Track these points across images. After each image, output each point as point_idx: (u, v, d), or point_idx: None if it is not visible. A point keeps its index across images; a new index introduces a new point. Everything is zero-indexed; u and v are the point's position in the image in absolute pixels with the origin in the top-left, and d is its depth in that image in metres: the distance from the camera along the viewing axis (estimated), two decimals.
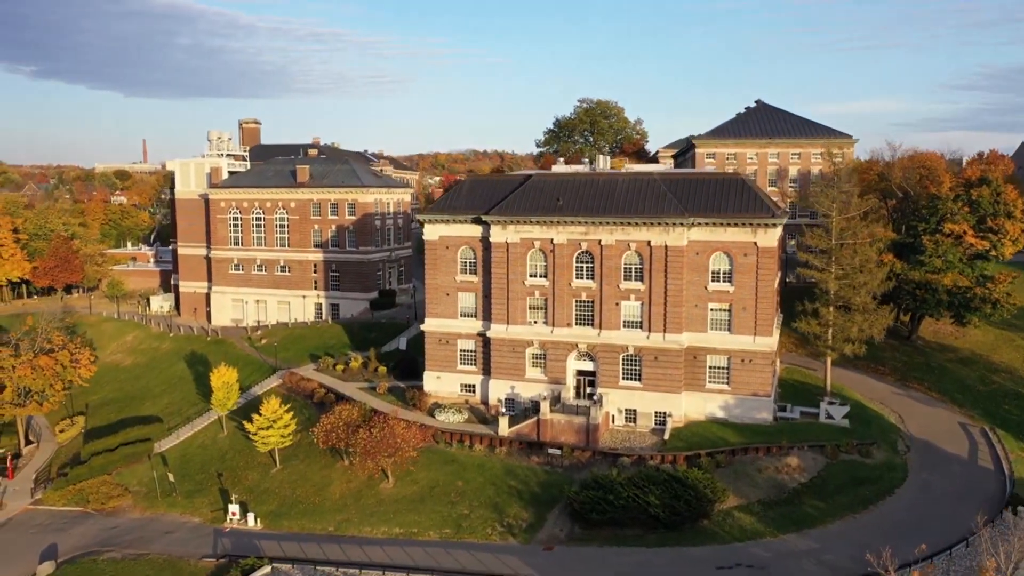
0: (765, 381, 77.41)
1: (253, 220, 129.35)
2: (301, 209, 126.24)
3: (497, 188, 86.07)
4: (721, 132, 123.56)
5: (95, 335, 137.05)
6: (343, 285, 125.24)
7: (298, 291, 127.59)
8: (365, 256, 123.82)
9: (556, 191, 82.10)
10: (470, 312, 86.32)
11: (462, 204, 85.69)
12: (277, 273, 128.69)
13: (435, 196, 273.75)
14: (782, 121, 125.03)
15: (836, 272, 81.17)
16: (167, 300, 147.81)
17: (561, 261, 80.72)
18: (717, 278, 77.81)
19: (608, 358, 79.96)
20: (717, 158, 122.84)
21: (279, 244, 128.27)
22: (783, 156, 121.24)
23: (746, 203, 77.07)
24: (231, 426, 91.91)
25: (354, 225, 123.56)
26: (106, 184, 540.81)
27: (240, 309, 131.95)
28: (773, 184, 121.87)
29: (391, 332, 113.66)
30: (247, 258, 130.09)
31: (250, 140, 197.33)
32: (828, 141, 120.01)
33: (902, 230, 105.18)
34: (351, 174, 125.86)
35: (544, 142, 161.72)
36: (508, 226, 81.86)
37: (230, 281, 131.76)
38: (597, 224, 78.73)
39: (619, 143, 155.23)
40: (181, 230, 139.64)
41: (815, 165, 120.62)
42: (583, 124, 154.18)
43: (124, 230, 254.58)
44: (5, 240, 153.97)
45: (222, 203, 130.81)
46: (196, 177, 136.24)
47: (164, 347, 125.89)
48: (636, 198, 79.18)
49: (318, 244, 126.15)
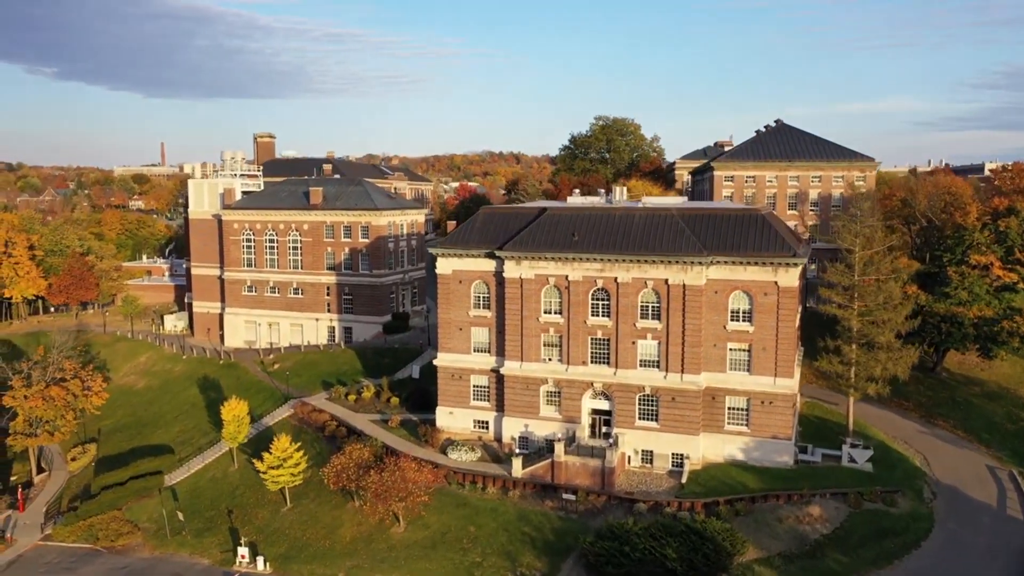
0: (786, 424, 75.39)
1: (266, 242, 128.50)
2: (314, 231, 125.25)
3: (511, 221, 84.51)
4: (740, 154, 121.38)
5: (108, 356, 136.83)
6: (356, 308, 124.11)
7: (311, 314, 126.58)
8: (378, 280, 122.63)
9: (571, 226, 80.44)
10: (483, 347, 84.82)
11: (475, 238, 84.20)
12: (290, 295, 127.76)
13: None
14: (802, 143, 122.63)
15: (859, 308, 79.10)
16: (181, 319, 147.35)
17: (576, 298, 79.05)
18: (736, 317, 75.86)
19: (624, 398, 78.22)
20: (736, 180, 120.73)
21: (292, 266, 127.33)
22: (803, 179, 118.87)
23: (766, 241, 75.08)
24: (242, 459, 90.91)
25: (367, 248, 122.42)
26: (124, 189, 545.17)
27: (253, 331, 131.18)
28: (793, 207, 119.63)
29: (404, 358, 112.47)
30: (260, 280, 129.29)
31: (265, 154, 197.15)
32: (849, 164, 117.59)
33: (926, 259, 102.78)
34: (364, 196, 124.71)
35: (560, 159, 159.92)
36: (522, 262, 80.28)
37: (243, 303, 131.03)
38: (613, 261, 77.00)
39: (635, 161, 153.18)
40: (195, 249, 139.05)
41: (836, 188, 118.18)
42: (599, 142, 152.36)
43: (140, 240, 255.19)
44: (21, 258, 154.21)
45: (235, 224, 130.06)
46: (210, 197, 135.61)
47: (177, 370, 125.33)
48: (653, 234, 77.40)
49: (331, 267, 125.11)
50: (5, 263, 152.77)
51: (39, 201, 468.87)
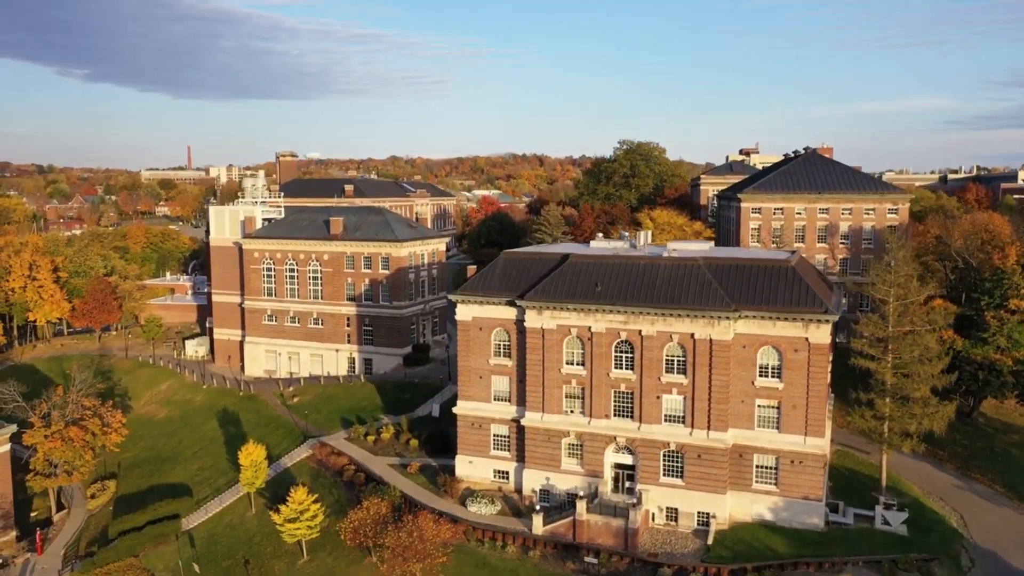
0: (816, 484, 72.78)
1: (286, 271, 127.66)
2: (334, 262, 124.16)
3: (532, 267, 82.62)
4: (768, 185, 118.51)
5: (130, 383, 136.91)
6: (376, 340, 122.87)
7: (331, 344, 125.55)
8: (399, 311, 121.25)
9: (594, 274, 78.36)
10: (504, 396, 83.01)
11: (496, 284, 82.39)
12: (310, 325, 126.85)
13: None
14: (831, 173, 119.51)
15: (893, 361, 76.30)
16: (202, 344, 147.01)
17: (599, 350, 76.96)
18: (765, 373, 73.38)
19: (648, 453, 76.02)
20: (763, 212, 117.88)
21: (312, 296, 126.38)
22: (833, 211, 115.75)
23: (797, 295, 72.52)
24: (260, 504, 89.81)
25: (388, 280, 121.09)
26: (151, 195, 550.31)
27: (274, 360, 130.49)
28: (823, 240, 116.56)
29: (424, 393, 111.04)
30: (280, 309, 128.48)
31: (287, 173, 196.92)
32: (881, 196, 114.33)
33: (962, 299, 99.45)
34: (385, 226, 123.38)
35: (582, 184, 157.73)
36: (544, 311, 78.32)
37: (263, 332, 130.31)
38: (637, 313, 74.82)
39: (660, 187, 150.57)
40: (215, 276, 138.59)
41: (867, 221, 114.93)
42: (623, 167, 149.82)
43: (165, 252, 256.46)
44: (45, 281, 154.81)
45: (255, 253, 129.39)
46: (231, 224, 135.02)
47: (197, 400, 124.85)
48: (679, 286, 75.12)
49: (351, 297, 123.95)
50: (30, 287, 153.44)
51: (67, 208, 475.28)
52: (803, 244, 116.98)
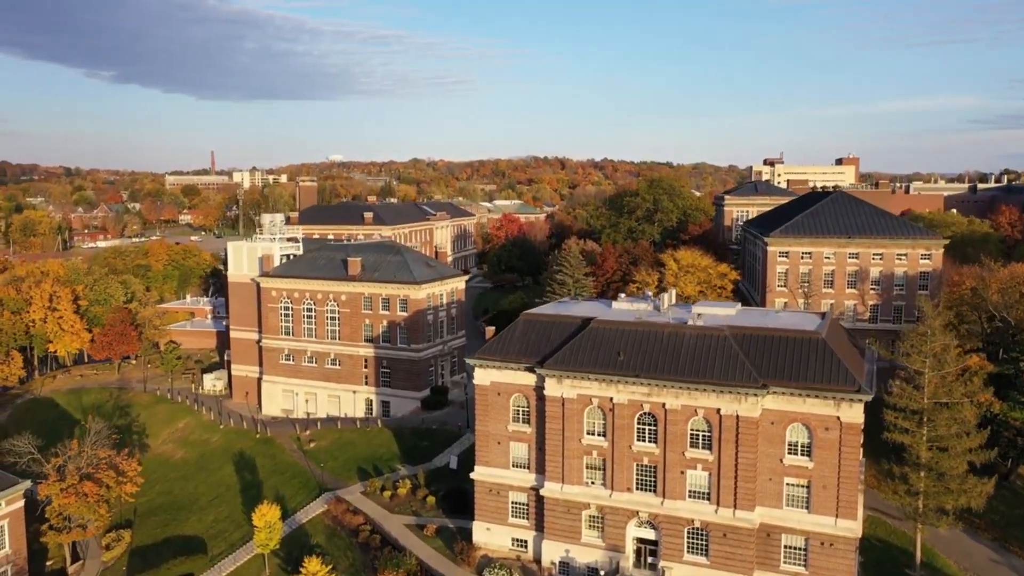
0: (848, 568, 69.80)
1: (304, 311, 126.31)
2: (352, 302, 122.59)
3: (552, 331, 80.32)
4: (795, 229, 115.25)
5: (148, 419, 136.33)
6: (394, 382, 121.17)
7: (348, 385, 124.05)
8: (417, 354, 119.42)
9: (617, 342, 75.89)
10: (523, 463, 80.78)
11: (515, 348, 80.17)
12: (327, 366, 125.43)
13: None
14: (861, 216, 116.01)
15: (928, 434, 73.24)
16: (220, 378, 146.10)
17: (621, 421, 74.50)
18: (794, 451, 70.55)
19: (671, 530, 73.46)
20: (791, 256, 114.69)
21: (330, 336, 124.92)
22: (863, 256, 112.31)
23: (828, 371, 69.61)
24: (273, 564, 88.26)
25: (406, 322, 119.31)
26: (174, 203, 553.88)
27: (291, 400, 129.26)
28: (852, 286, 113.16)
29: (442, 440, 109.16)
30: (298, 349, 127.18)
31: (307, 199, 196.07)
32: (914, 242, 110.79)
33: (999, 353, 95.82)
34: (403, 267, 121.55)
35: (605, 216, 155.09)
36: (564, 380, 76.00)
37: (280, 371, 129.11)
38: (661, 386, 72.28)
39: (684, 222, 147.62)
40: (233, 313, 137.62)
41: (899, 267, 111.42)
42: (646, 201, 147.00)
43: (186, 270, 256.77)
44: (65, 312, 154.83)
45: (273, 292, 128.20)
46: (248, 260, 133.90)
47: (214, 441, 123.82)
48: (704, 357, 72.46)
49: (369, 339, 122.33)
50: (50, 318, 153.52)
51: (92, 217, 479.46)
52: (832, 290, 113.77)
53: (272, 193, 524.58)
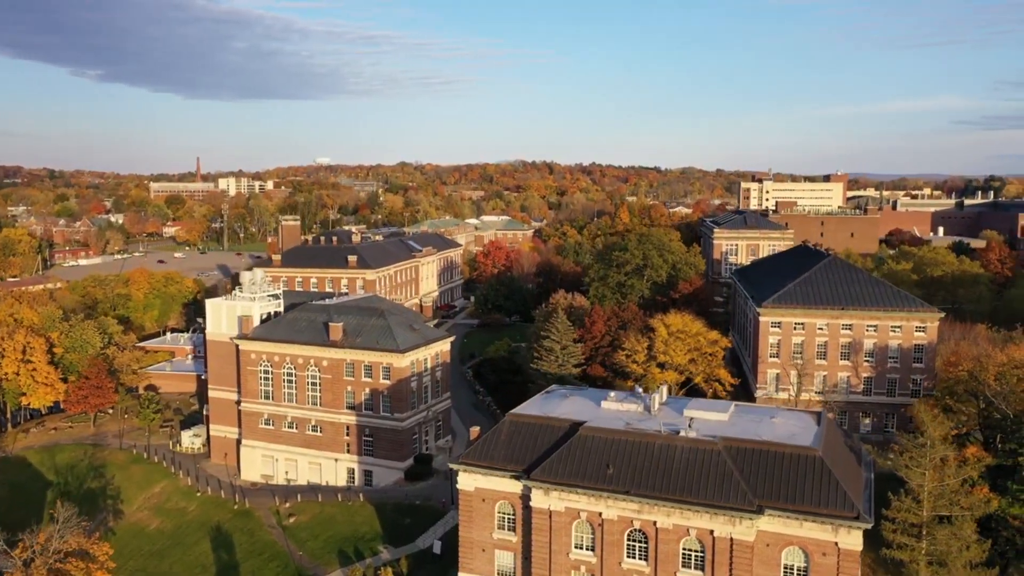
0: None
1: (284, 375, 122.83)
2: (334, 368, 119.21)
3: (539, 435, 77.34)
4: (788, 298, 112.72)
5: (122, 481, 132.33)
6: (377, 451, 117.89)
7: (330, 453, 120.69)
8: (400, 423, 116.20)
9: (606, 452, 72.99)
10: (508, 572, 77.78)
11: (500, 454, 77.14)
12: (308, 432, 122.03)
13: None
14: (855, 284, 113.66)
15: (928, 548, 70.83)
16: (199, 435, 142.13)
17: (611, 537, 71.63)
18: (791, 574, 67.85)
19: None
20: (783, 327, 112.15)
21: (311, 402, 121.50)
22: (857, 328, 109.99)
23: (825, 492, 66.93)
24: None
25: (388, 390, 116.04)
26: (158, 215, 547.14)
27: (271, 465, 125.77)
28: (846, 358, 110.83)
29: (426, 517, 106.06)
30: (278, 414, 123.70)
31: (290, 238, 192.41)
32: (909, 315, 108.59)
33: (997, 439, 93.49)
34: (386, 332, 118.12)
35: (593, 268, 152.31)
36: (551, 492, 73.04)
37: (260, 436, 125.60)
38: (652, 504, 69.45)
39: (673, 278, 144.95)
40: (212, 371, 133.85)
41: (893, 339, 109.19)
42: (636, 258, 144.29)
43: (168, 297, 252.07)
44: (39, 363, 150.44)
45: (252, 355, 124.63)
46: (227, 319, 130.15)
47: (191, 510, 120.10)
48: (697, 474, 69.67)
49: (351, 406, 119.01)
50: (23, 371, 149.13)
51: (74, 231, 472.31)
52: (825, 361, 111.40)
53: (257, 205, 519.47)
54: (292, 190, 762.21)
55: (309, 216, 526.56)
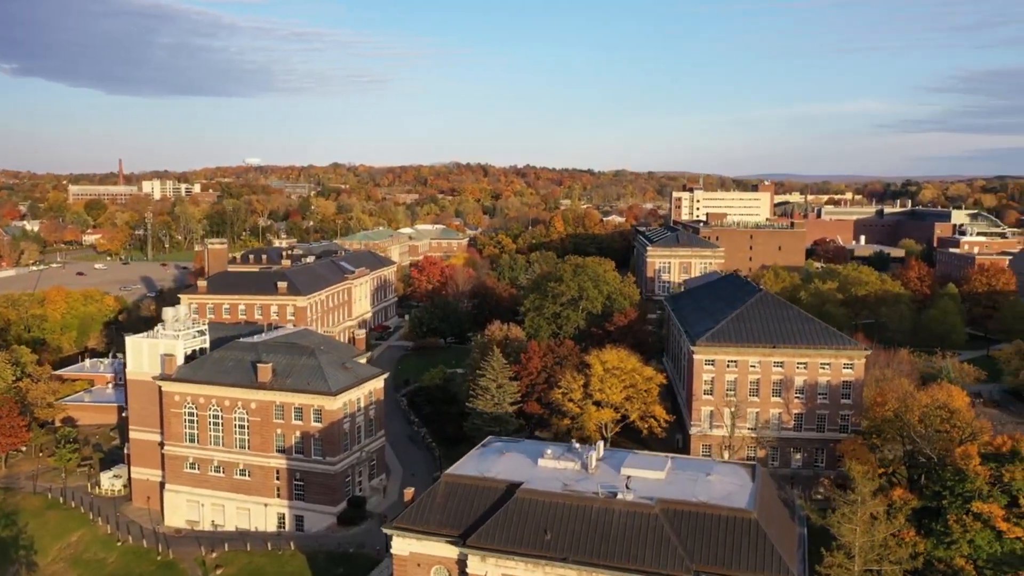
0: None
1: (210, 417, 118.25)
2: (263, 411, 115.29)
3: (476, 498, 75.79)
4: (721, 335, 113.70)
5: (36, 530, 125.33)
6: (308, 496, 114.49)
7: (259, 498, 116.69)
8: (332, 467, 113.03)
9: (543, 516, 71.89)
10: None
11: (435, 517, 75.30)
12: (236, 477, 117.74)
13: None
14: (786, 321, 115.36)
15: None
16: (119, 476, 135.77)
17: None
18: None
19: None
20: (717, 365, 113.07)
21: (239, 446, 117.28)
22: (788, 365, 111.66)
23: (760, 556, 67.18)
24: None
25: (320, 434, 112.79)
26: (77, 222, 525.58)
27: (196, 510, 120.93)
28: (778, 394, 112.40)
29: (360, 566, 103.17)
30: (204, 458, 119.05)
31: (216, 263, 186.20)
32: (837, 352, 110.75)
33: (920, 480, 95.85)
34: (317, 373, 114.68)
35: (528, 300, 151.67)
36: (488, 558, 71.62)
37: (184, 480, 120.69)
38: (590, 571, 68.61)
39: (608, 311, 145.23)
40: (133, 412, 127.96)
41: (823, 376, 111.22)
42: (571, 290, 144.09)
43: (87, 317, 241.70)
44: None
45: (176, 396, 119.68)
46: (149, 358, 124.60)
47: (111, 562, 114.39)
48: (635, 539, 69.14)
49: (281, 449, 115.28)
50: None
51: None
52: (757, 399, 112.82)
53: (184, 212, 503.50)
54: (220, 193, 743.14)
55: (238, 223, 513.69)
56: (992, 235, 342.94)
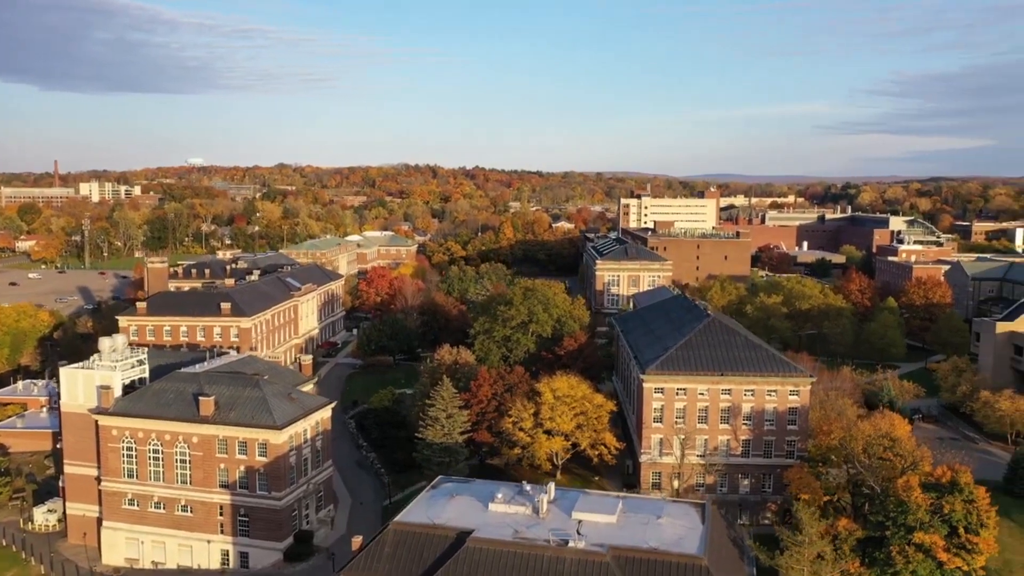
0: None
1: (150, 452, 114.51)
2: (205, 445, 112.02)
3: (426, 547, 74.40)
4: (670, 364, 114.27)
5: None
6: (253, 532, 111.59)
7: (202, 534, 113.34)
8: (277, 502, 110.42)
9: (493, 566, 70.88)
10: None
11: (384, 568, 73.70)
12: (178, 513, 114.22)
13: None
14: (734, 348, 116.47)
15: None
16: (54, 510, 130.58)
17: None
18: None
19: None
20: (666, 392, 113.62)
21: (180, 481, 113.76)
22: (736, 392, 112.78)
23: None
24: None
25: (265, 468, 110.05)
26: (10, 228, 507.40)
27: (136, 547, 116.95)
28: (726, 421, 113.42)
29: None
30: (143, 494, 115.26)
31: (156, 282, 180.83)
32: (783, 379, 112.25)
33: (864, 508, 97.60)
34: (262, 406, 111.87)
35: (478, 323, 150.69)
36: None
37: (123, 516, 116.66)
38: None
39: (559, 334, 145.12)
40: (68, 445, 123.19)
41: (769, 403, 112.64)
42: (520, 314, 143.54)
43: (20, 334, 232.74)
44: None
45: (113, 430, 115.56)
46: (85, 389, 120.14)
47: None
48: None
49: (225, 484, 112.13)
50: None
51: None
52: (706, 426, 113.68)
53: (123, 218, 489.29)
54: (162, 196, 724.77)
55: (180, 229, 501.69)
56: (928, 243, 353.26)
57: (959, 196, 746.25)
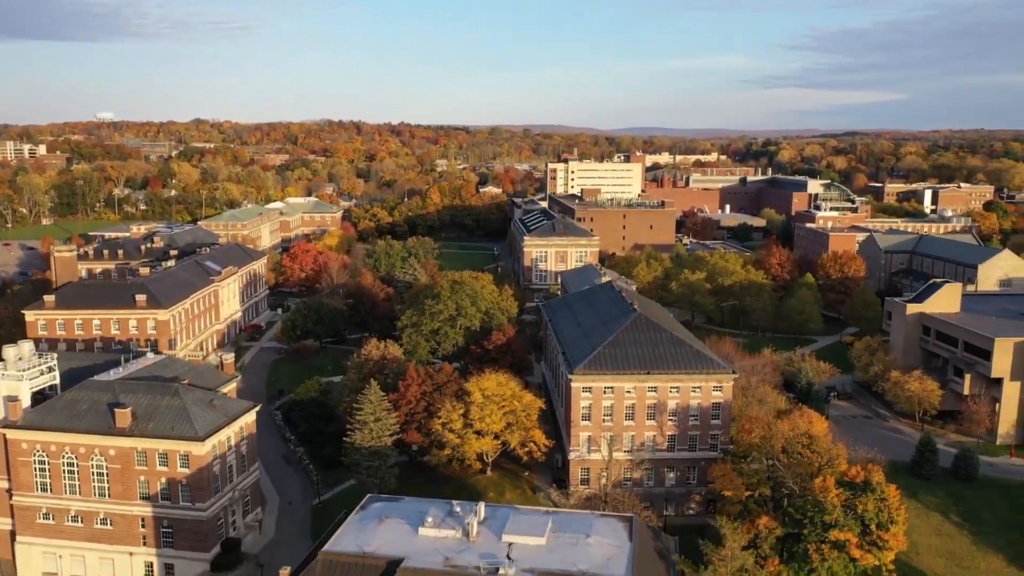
0: None
1: (64, 465, 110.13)
2: (123, 458, 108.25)
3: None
4: (597, 363, 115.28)
5: None
6: (178, 543, 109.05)
7: (123, 547, 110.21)
8: (202, 513, 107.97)
9: None
10: None
11: None
12: (97, 526, 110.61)
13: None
14: (660, 345, 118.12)
15: None
16: None
17: None
18: None
19: None
20: (594, 391, 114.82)
21: (98, 494, 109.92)
22: (662, 390, 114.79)
23: None
24: None
25: (187, 479, 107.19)
26: None
27: (54, 562, 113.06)
28: (652, 418, 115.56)
29: None
30: (59, 508, 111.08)
31: (65, 272, 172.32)
32: (707, 376, 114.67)
33: (785, 502, 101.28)
34: (182, 415, 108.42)
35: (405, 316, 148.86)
36: None
37: (39, 531, 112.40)
38: None
39: (487, 327, 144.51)
40: None
41: (694, 399, 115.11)
42: (448, 308, 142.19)
43: None
44: None
45: (24, 444, 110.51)
46: None
47: None
48: None
49: (146, 496, 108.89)
50: None
51: None
52: (633, 422, 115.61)
53: (28, 183, 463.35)
54: (70, 155, 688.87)
55: (91, 194, 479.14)
56: (843, 209, 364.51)
57: (872, 154, 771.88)
